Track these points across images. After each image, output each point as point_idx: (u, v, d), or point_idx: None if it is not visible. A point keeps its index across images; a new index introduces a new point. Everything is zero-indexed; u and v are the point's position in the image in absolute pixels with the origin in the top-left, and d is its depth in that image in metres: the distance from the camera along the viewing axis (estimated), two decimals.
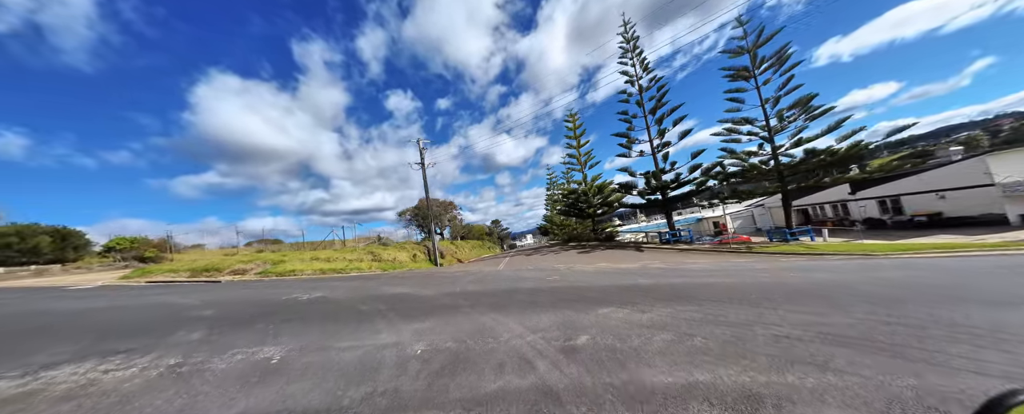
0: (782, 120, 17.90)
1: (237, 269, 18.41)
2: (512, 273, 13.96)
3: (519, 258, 23.72)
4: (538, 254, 24.74)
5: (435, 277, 14.34)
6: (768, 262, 12.72)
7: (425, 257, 26.93)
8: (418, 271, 19.79)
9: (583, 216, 32.38)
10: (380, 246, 24.38)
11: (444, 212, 49.94)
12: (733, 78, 20.46)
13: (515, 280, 11.09)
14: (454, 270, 18.39)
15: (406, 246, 25.89)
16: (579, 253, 21.91)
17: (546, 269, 14.52)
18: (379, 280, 14.29)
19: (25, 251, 22.74)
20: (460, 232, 51.70)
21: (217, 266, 18.53)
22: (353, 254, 21.81)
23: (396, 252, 23.82)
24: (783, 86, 17.70)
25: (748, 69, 19.43)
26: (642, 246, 22.09)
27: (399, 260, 22.92)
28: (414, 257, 24.91)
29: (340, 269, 19.14)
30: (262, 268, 18.72)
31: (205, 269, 18.09)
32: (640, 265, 13.57)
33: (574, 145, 31.82)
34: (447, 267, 22.90)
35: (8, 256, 21.99)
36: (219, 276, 17.68)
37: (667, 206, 22.89)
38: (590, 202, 29.31)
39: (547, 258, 21.17)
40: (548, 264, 17.04)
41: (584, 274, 11.61)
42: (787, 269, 10.23)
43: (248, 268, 18.58)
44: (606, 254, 19.73)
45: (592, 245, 25.21)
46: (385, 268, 20.69)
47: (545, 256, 22.66)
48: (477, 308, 6.81)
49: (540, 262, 19.00)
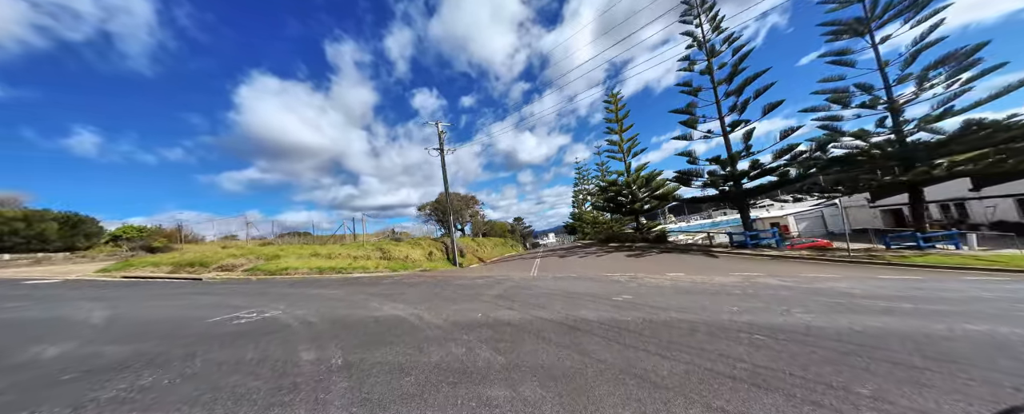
0: (924, 84, 13.10)
1: (225, 264, 15.73)
2: (553, 284, 10.27)
3: (552, 260, 19.98)
4: (575, 256, 20.90)
5: (450, 285, 10.87)
6: (959, 282, 8.39)
7: (443, 255, 23.69)
8: (432, 274, 16.42)
9: (625, 212, 28.17)
10: (392, 242, 21.34)
11: (465, 207, 46.83)
12: (834, 36, 15.79)
13: (566, 299, 7.40)
14: (475, 275, 14.89)
15: (421, 242, 22.75)
16: (629, 256, 17.91)
17: (601, 280, 10.72)
18: (377, 287, 10.97)
19: (31, 237, 21.22)
20: (482, 229, 48.47)
21: (205, 261, 15.93)
22: (360, 250, 18.81)
23: (409, 249, 20.67)
24: (922, 37, 12.88)
25: (862, 21, 14.73)
26: (711, 250, 17.82)
27: (412, 258, 19.74)
28: (430, 255, 21.69)
29: (341, 267, 16.10)
30: (253, 264, 15.96)
31: (190, 264, 15.51)
32: (740, 279, 9.54)
33: (615, 130, 27.62)
34: (467, 269, 19.52)
35: (15, 242, 20.53)
36: (204, 272, 15.03)
37: (741, 200, 18.47)
38: (635, 195, 25.12)
39: (590, 262, 17.31)
40: (598, 272, 13.24)
41: (667, 293, 7.75)
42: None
43: (237, 264, 15.87)
44: (669, 260, 15.65)
45: (640, 246, 21.06)
46: (395, 268, 17.53)
47: (585, 259, 18.81)
48: (525, 381, 3.18)
49: (583, 268, 15.20)
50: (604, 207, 28.62)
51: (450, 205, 24.17)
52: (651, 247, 20.22)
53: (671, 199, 21.40)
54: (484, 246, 36.40)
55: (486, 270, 16.79)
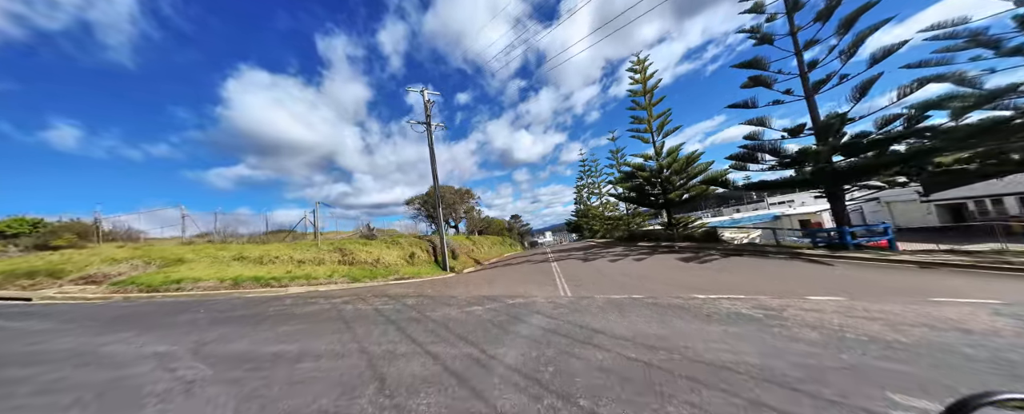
0: None
1: (92, 274, 10.41)
2: (635, 324, 5.27)
3: (573, 265, 14.94)
4: (602, 259, 15.86)
5: (421, 323, 5.78)
6: None
7: (429, 257, 18.53)
8: (406, 288, 11.28)
9: (652, 204, 23.18)
10: (360, 241, 16.10)
11: (459, 201, 41.58)
12: None
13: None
14: (471, 293, 9.79)
15: (401, 241, 17.58)
16: (688, 262, 12.92)
17: (709, 313, 5.73)
18: (261, 328, 5.80)
19: None
20: (478, 226, 43.29)
21: (62, 268, 10.58)
22: (310, 252, 13.55)
23: (383, 250, 15.47)
24: None
25: None
26: (802, 253, 12.83)
27: (385, 262, 14.55)
28: (411, 258, 16.51)
29: (273, 278, 10.86)
30: (137, 272, 10.67)
31: (30, 273, 10.14)
32: (933, 309, 4.56)
33: (642, 103, 22.62)
34: (460, 276, 14.35)
35: None
36: (49, 286, 9.72)
37: (835, 183, 13.56)
38: (670, 183, 20.18)
39: (637, 270, 12.29)
40: (672, 289, 8.24)
41: (906, 352, 2.65)
42: None
43: (112, 273, 10.56)
44: (758, 269, 10.66)
45: (687, 247, 16.07)
46: (357, 276, 12.35)
47: (622, 265, 13.78)
48: None
49: (637, 279, 10.18)
50: (627, 198, 23.57)
51: (439, 195, 19.00)
52: (704, 249, 15.23)
53: (722, 186, 16.58)
54: (481, 245, 31.26)
55: (486, 281, 11.66)
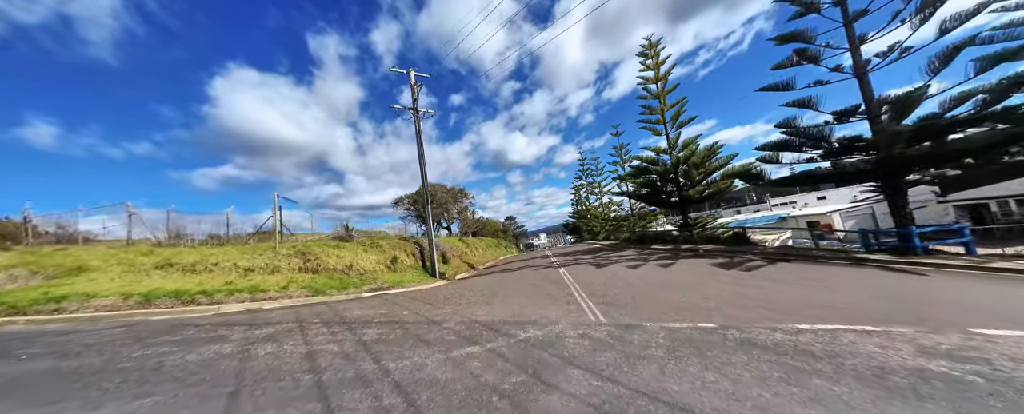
0: None
1: None
2: (765, 395, 2.75)
3: (586, 272, 12.58)
4: (619, 265, 13.53)
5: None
6: None
7: (416, 262, 16.04)
8: (372, 306, 8.81)
9: (665, 203, 20.94)
10: (332, 244, 13.49)
11: (452, 201, 39.08)
12: None
13: None
14: (462, 311, 7.36)
15: (383, 243, 15.05)
16: (718, 266, 10.67)
17: (850, 362, 3.28)
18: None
19: None
20: (472, 227, 40.81)
21: None
22: (264, 257, 10.95)
23: (358, 254, 12.93)
24: None
25: None
26: (854, 255, 10.58)
27: (359, 269, 12.03)
28: (393, 263, 13.98)
29: (204, 293, 8.28)
30: (10, 286, 8.01)
31: None
32: None
33: (655, 91, 20.39)
34: (450, 286, 11.86)
35: None
36: None
37: (898, 175, 11.39)
38: (689, 178, 17.94)
39: (675, 280, 9.99)
40: (746, 313, 5.93)
41: None
42: None
43: None
44: (823, 279, 8.40)
45: (716, 252, 13.82)
46: (322, 287, 9.81)
47: (644, 271, 11.47)
48: None
49: (673, 289, 7.86)
50: (638, 196, 21.30)
51: (428, 191, 16.51)
52: (736, 252, 12.95)
53: (753, 180, 14.38)
54: (475, 248, 28.81)
55: (483, 295, 9.22)
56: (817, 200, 58.18)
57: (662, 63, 20.46)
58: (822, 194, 59.82)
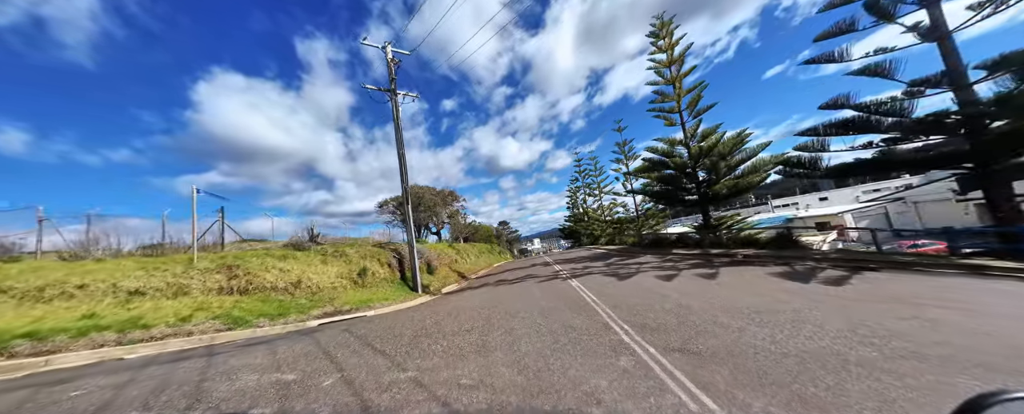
0: None
1: None
2: None
3: (604, 284, 9.86)
4: (646, 275, 10.83)
5: None
6: None
7: (393, 272, 13.12)
8: (281, 352, 5.80)
9: (681, 202, 18.40)
10: (275, 255, 10.42)
11: (441, 204, 36.13)
12: None
13: None
14: (441, 368, 4.38)
15: (350, 251, 12.09)
16: (784, 277, 8.09)
17: None
18: None
19: None
20: (463, 232, 37.90)
21: None
22: (163, 275, 7.93)
23: (311, 266, 9.99)
24: None
25: None
26: (980, 267, 8.03)
27: (312, 285, 9.10)
28: (361, 275, 11.05)
29: (35, 335, 5.31)
30: None
31: None
32: None
33: (669, 76, 17.93)
34: (432, 305, 8.95)
35: None
36: None
37: (996, 159, 8.94)
38: (715, 172, 15.41)
39: (724, 294, 7.33)
40: None
41: None
42: None
43: None
44: (948, 297, 5.79)
45: (760, 258, 11.21)
46: (243, 317, 6.89)
47: (684, 283, 8.83)
48: None
49: (768, 322, 5.13)
50: (653, 193, 18.72)
51: (407, 187, 13.66)
52: (789, 258, 10.33)
53: (803, 170, 11.79)
54: (466, 254, 25.94)
55: (477, 327, 6.39)
56: (819, 201, 56.70)
57: (675, 44, 18.05)
58: (824, 195, 58.40)
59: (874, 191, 54.64)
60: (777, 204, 56.91)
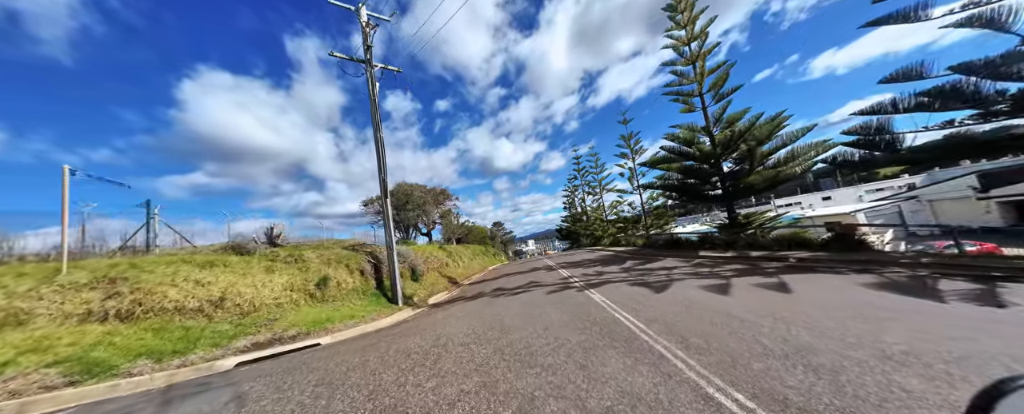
0: None
1: None
2: None
3: (640, 298, 7.57)
4: (688, 285, 8.56)
5: None
6: None
7: (366, 280, 10.64)
8: None
9: (703, 197, 16.21)
10: (198, 262, 7.90)
11: (433, 203, 33.60)
12: None
13: None
14: None
15: (310, 256, 9.61)
16: (876, 288, 5.93)
17: None
18: None
19: None
20: (456, 233, 35.42)
21: None
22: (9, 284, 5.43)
23: (251, 275, 7.50)
24: None
25: None
26: None
27: (245, 303, 6.63)
28: (321, 286, 8.58)
29: None
30: None
31: None
32: None
33: (689, 55, 15.70)
34: (407, 330, 6.51)
35: None
36: None
37: None
38: (750, 160, 13.21)
39: (837, 318, 4.94)
40: None
41: None
42: None
43: None
44: None
45: (825, 261, 8.95)
46: (108, 359, 4.42)
47: (750, 299, 6.57)
48: None
49: None
50: (672, 187, 16.47)
51: (384, 176, 11.21)
52: (868, 263, 8.13)
53: (873, 152, 9.65)
54: (459, 257, 23.49)
55: (476, 398, 3.95)
56: (823, 200, 55.24)
57: (697, 17, 15.86)
58: (827, 194, 57.00)
59: (877, 191, 53.44)
60: (780, 203, 55.41)
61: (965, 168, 32.67)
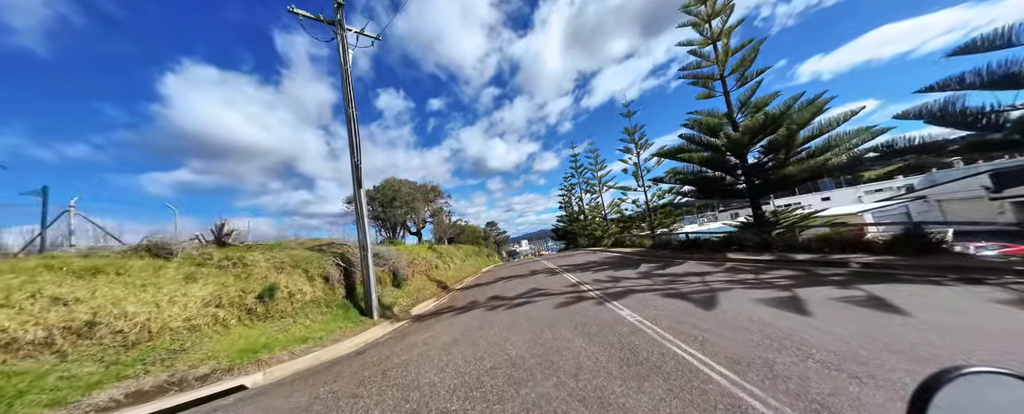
0: None
1: None
2: None
3: (700, 323, 5.71)
4: (744, 298, 6.72)
5: None
6: None
7: (332, 288, 8.61)
8: None
9: (724, 192, 14.46)
10: (81, 269, 5.89)
11: (422, 200, 31.51)
12: None
13: None
14: None
15: (256, 261, 7.60)
16: None
17: None
18: None
19: None
20: (448, 232, 33.40)
21: None
22: None
23: (151, 288, 5.46)
24: None
25: None
26: None
27: (130, 329, 4.58)
28: (264, 298, 6.55)
29: None
30: None
31: None
32: None
33: (710, 34, 13.90)
34: (374, 379, 4.55)
35: None
36: None
37: None
38: (788, 149, 11.45)
39: None
40: None
41: None
42: None
43: None
44: None
45: (903, 267, 7.11)
46: None
47: (906, 331, 4.68)
48: None
49: None
50: (693, 181, 14.66)
51: (358, 156, 9.19)
52: (968, 272, 6.37)
53: (910, 146, 7.97)
54: (450, 259, 21.46)
55: None
56: (822, 201, 54.24)
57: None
58: (826, 195, 56.08)
59: (876, 191, 52.60)
60: (780, 204, 54.33)
61: (969, 169, 31.74)
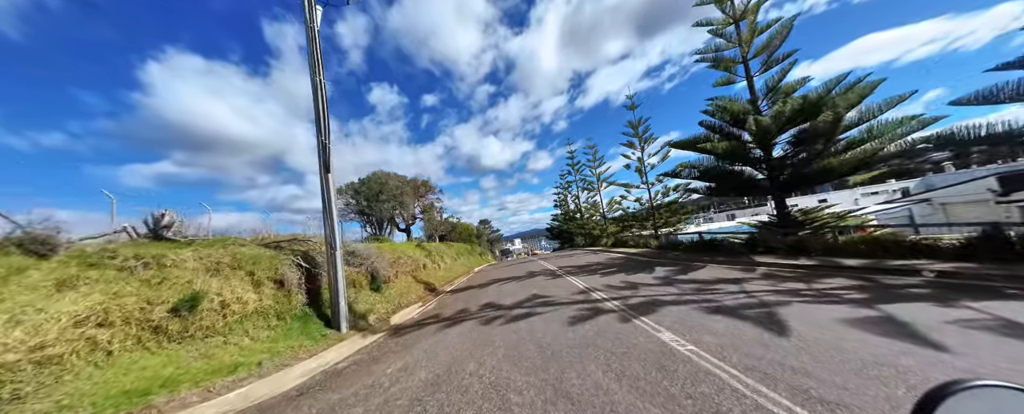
0: None
1: None
2: None
3: (763, 348, 4.21)
4: (844, 322, 5.33)
5: None
6: None
7: (287, 296, 6.92)
8: None
9: (741, 189, 13.08)
10: None
11: (412, 195, 29.67)
12: None
13: None
14: None
15: (182, 259, 5.92)
16: None
17: None
18: None
19: None
20: (439, 230, 31.67)
21: None
22: None
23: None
24: None
25: None
26: None
27: None
28: (181, 314, 4.87)
29: None
30: None
31: None
32: None
33: (734, 13, 12.42)
34: None
35: None
36: None
37: None
38: (828, 138, 10.03)
39: None
40: None
41: None
42: None
43: None
44: None
45: (978, 278, 5.64)
46: None
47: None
48: None
49: None
50: (713, 175, 13.18)
51: (325, 140, 7.50)
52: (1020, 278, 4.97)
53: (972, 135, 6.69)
54: (440, 257, 19.81)
55: None
56: (818, 203, 53.62)
57: None
58: (822, 197, 55.49)
59: (872, 194, 52.14)
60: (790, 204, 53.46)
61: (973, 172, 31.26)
